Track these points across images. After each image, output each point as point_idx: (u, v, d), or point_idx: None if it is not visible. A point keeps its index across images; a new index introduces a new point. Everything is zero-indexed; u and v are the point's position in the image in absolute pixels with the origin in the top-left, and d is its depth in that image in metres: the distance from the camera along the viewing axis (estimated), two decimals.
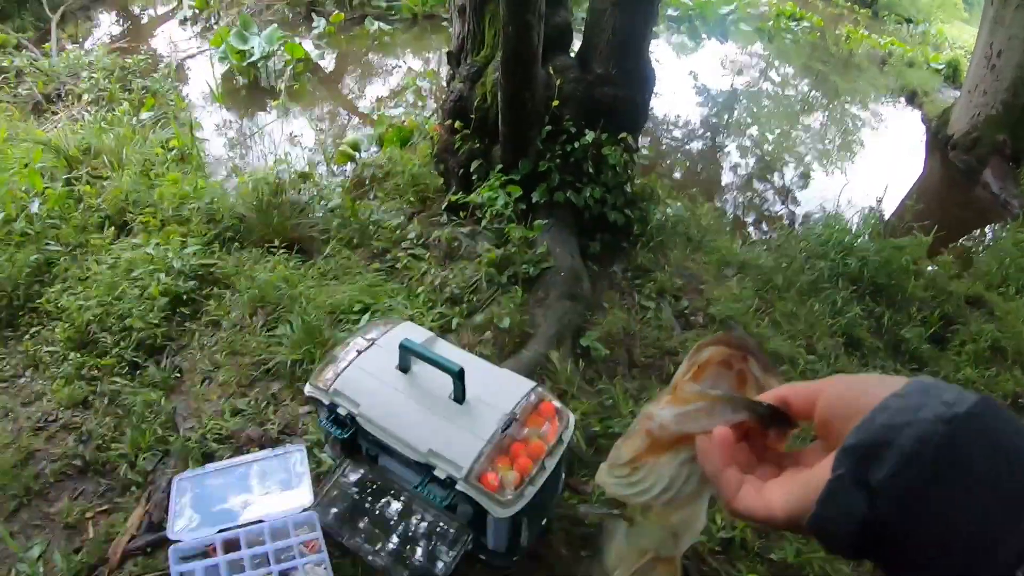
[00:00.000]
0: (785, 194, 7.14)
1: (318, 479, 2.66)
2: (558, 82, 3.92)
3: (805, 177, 7.54)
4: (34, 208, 4.12)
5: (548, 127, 3.91)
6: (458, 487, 1.98)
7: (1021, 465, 0.49)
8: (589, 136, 3.87)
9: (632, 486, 0.75)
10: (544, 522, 2.44)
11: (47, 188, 4.36)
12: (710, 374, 0.73)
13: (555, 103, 3.88)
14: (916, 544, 0.50)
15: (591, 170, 3.93)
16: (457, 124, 4.17)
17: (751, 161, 7.90)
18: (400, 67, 8.92)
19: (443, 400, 2.11)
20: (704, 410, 0.69)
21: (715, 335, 0.75)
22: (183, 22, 9.39)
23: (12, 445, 2.96)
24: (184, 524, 2.52)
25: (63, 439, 3.01)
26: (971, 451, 0.49)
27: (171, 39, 8.87)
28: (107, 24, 9.31)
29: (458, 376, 2.04)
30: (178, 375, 3.31)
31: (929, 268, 4.80)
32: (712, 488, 0.69)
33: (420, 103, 7.39)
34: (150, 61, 7.48)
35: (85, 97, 6.23)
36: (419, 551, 2.21)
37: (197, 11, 9.49)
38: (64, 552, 2.56)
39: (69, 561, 2.51)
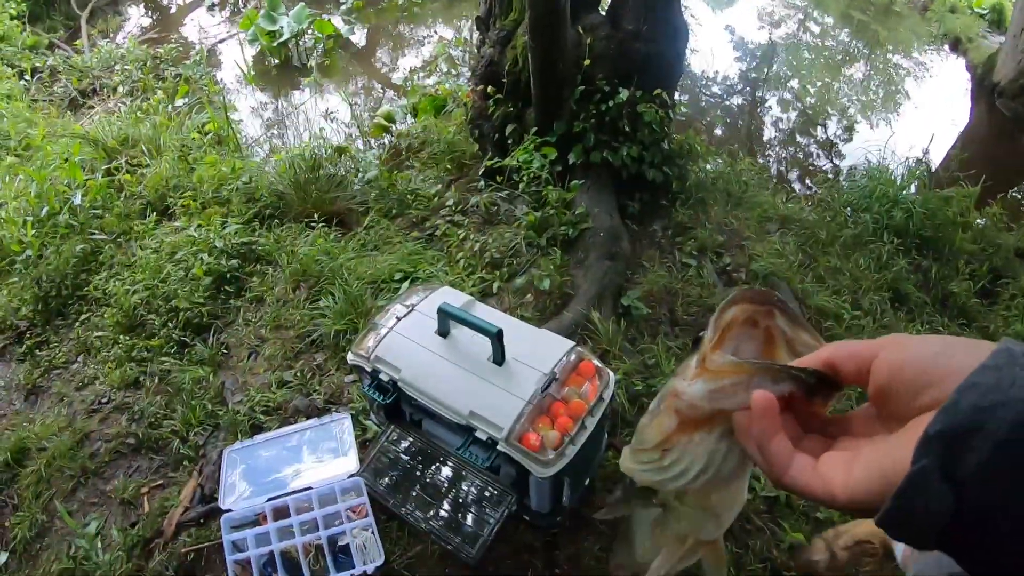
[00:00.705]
0: (828, 148, 6.99)
1: (364, 446, 2.69)
2: (588, 41, 3.85)
3: (848, 130, 7.36)
4: (77, 200, 4.20)
5: (581, 87, 3.85)
6: (499, 447, 1.98)
7: None
8: (623, 94, 3.80)
9: (664, 471, 0.69)
10: (588, 482, 2.43)
11: (88, 180, 4.44)
12: (734, 336, 0.66)
13: (587, 62, 3.82)
14: (1008, 544, 0.45)
15: (627, 128, 3.87)
16: (490, 89, 4.13)
17: (792, 115, 7.74)
18: (431, 37, 8.87)
19: (483, 362, 2.10)
20: (741, 384, 0.61)
21: (736, 292, 0.68)
22: (211, 8, 9.45)
23: (68, 428, 3.05)
24: (235, 495, 2.57)
25: (116, 419, 3.09)
26: None
27: (200, 25, 8.92)
28: (136, 17, 9.39)
29: (496, 337, 2.03)
30: (225, 351, 3.36)
31: (977, 220, 4.58)
32: (754, 463, 0.63)
33: (453, 71, 7.35)
34: (181, 49, 7.54)
35: (120, 89, 6.30)
36: (470, 517, 2.23)
37: None
38: (120, 527, 2.63)
39: (126, 535, 2.58)
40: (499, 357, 2.07)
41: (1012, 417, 0.43)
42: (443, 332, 2.20)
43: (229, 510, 2.49)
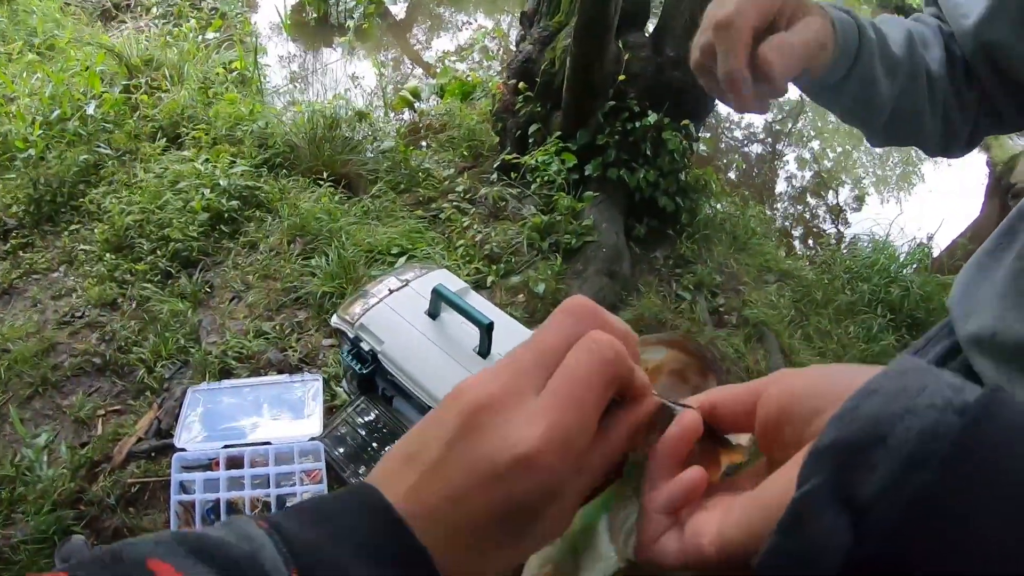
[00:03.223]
0: (836, 213, 7.00)
1: (330, 411, 2.66)
2: (627, 58, 3.84)
3: (859, 200, 7.38)
4: (90, 110, 4.14)
5: (612, 102, 3.84)
6: None
7: None
8: (652, 117, 3.79)
9: None
10: None
11: (105, 92, 4.38)
12: (661, 384, 0.59)
13: (622, 78, 3.81)
14: None
15: (648, 152, 3.86)
16: (521, 85, 4.12)
17: (807, 174, 7.76)
18: (470, 23, 8.83)
19: (467, 352, 2.08)
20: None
21: (673, 333, 0.63)
22: None
23: (36, 335, 2.99)
24: (191, 435, 2.53)
25: (86, 336, 3.04)
26: (997, 451, 0.33)
27: None
28: None
29: (487, 329, 2.00)
30: (208, 290, 3.32)
31: None
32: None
33: (486, 61, 7.33)
34: None
35: (154, 10, 6.22)
36: None
37: None
38: (70, 444, 2.59)
39: (74, 453, 2.54)
40: (485, 349, 2.05)
41: (922, 427, 0.33)
42: (433, 313, 2.18)
43: (183, 449, 2.46)
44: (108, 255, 3.38)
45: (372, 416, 2.39)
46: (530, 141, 4.12)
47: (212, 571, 0.37)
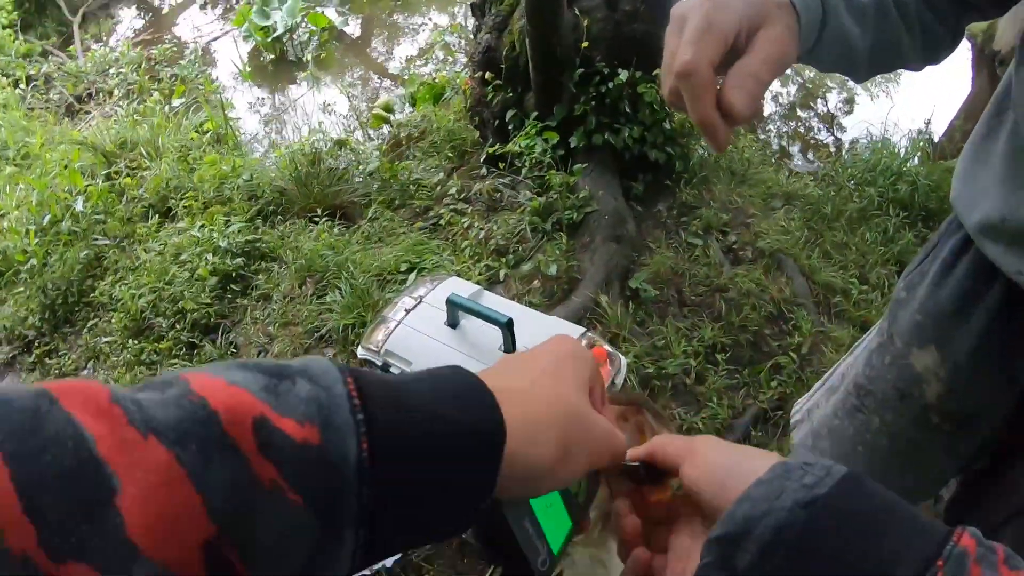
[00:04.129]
0: (830, 121, 6.94)
1: None
2: (586, 23, 3.82)
3: (849, 103, 7.29)
4: (78, 206, 4.19)
5: (580, 70, 3.82)
6: None
7: (878, 547, 0.47)
8: (623, 75, 3.77)
9: None
10: None
11: (89, 185, 4.42)
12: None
13: (585, 44, 3.79)
14: None
15: (628, 110, 3.84)
16: (488, 75, 4.10)
17: (792, 89, 7.68)
18: (426, 24, 8.81)
19: (494, 352, 2.08)
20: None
21: (629, 393, 0.78)
22: (203, 6, 9.37)
23: None
24: None
25: None
26: (827, 537, 0.49)
27: (194, 24, 8.85)
28: (128, 19, 9.30)
29: (507, 327, 2.01)
30: (234, 350, 3.35)
31: None
32: None
33: (450, 58, 7.31)
34: (175, 49, 7.50)
35: (116, 93, 6.26)
36: None
37: None
38: None
39: None
40: (510, 346, 2.05)
41: (775, 523, 0.49)
42: (452, 323, 2.18)
43: None
44: (130, 341, 3.43)
45: None
46: (510, 128, 4.10)
47: (254, 372, 0.42)
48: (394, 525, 0.44)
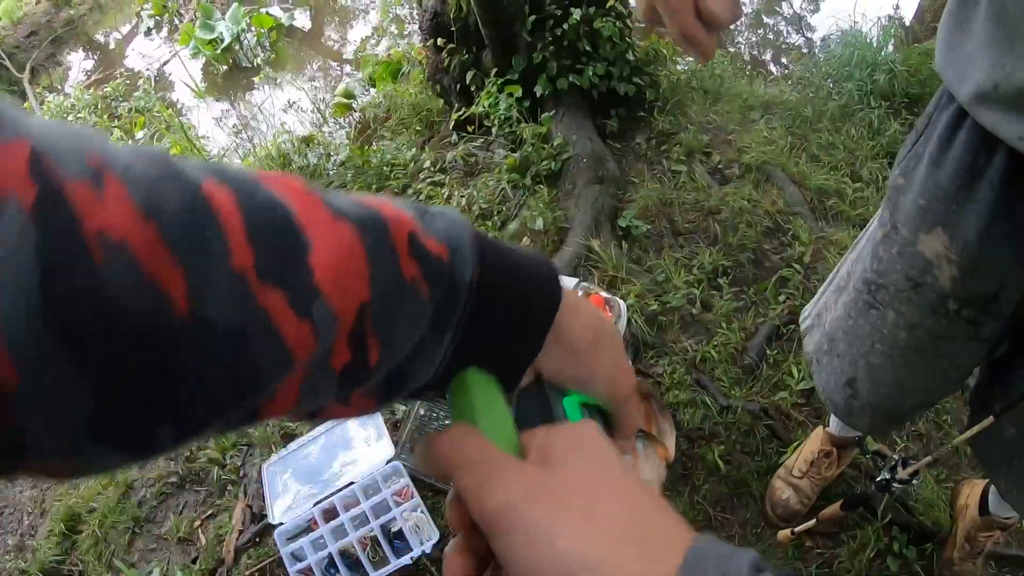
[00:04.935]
0: (798, 22, 6.82)
1: (395, 427, 2.65)
2: None
3: (814, 1, 7.17)
4: None
5: (531, 17, 3.72)
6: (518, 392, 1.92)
7: None
8: (576, 14, 3.67)
9: None
10: None
11: None
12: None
13: None
14: None
15: (587, 48, 3.74)
16: (440, 42, 4.00)
17: None
18: (374, 2, 8.66)
19: None
20: None
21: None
22: (148, 33, 9.18)
23: (110, 484, 3.01)
24: (282, 507, 2.54)
25: (154, 464, 3.04)
26: None
27: (142, 54, 8.70)
28: (77, 63, 9.11)
29: None
30: None
31: None
32: None
33: (401, 31, 7.19)
34: (129, 82, 7.36)
35: None
36: None
37: (158, 18, 9.26)
38: (182, 566, 2.61)
39: (189, 571, 2.57)
40: None
41: None
42: None
43: (280, 523, 2.47)
44: None
45: (434, 413, 2.36)
46: (472, 90, 4.01)
47: (410, 205, 0.53)
48: (480, 334, 0.53)
